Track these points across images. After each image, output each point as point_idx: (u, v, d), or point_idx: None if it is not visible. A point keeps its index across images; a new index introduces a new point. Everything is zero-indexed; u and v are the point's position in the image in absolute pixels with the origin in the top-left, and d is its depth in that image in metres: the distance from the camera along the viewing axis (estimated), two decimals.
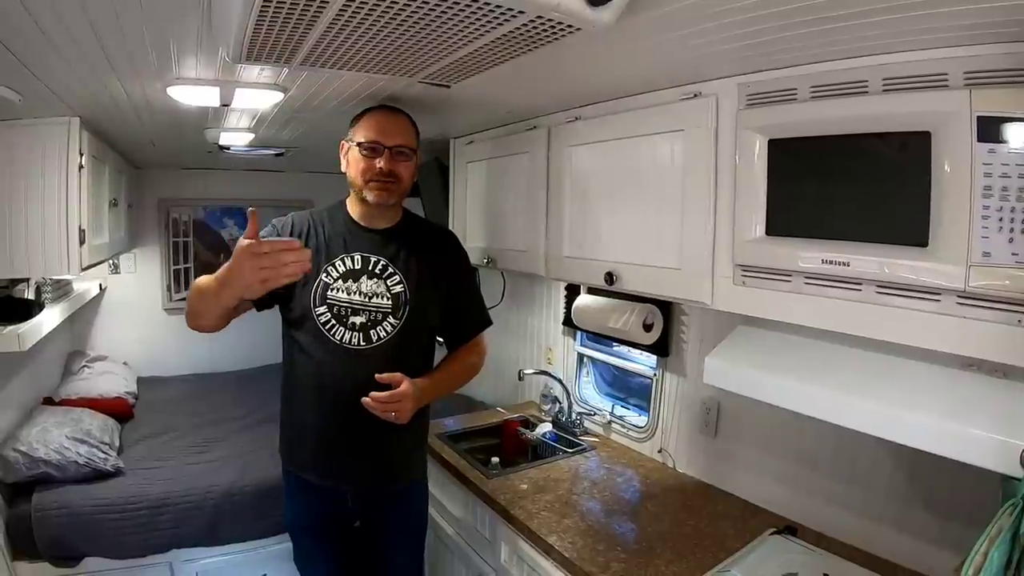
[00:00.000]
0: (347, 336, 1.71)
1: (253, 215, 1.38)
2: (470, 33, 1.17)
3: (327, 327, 1.71)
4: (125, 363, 3.93)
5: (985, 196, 1.04)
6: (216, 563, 2.67)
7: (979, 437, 1.08)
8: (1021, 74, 1.01)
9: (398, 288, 1.75)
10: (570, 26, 1.09)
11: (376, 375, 1.66)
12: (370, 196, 1.73)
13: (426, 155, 3.11)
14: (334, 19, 1.12)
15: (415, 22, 1.12)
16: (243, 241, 1.37)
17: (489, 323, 1.97)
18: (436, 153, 3.06)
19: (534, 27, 1.11)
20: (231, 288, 1.42)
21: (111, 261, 3.87)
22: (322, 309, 1.71)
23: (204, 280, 1.53)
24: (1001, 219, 1.02)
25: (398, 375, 1.67)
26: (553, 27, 1.10)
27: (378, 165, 1.71)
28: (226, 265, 1.41)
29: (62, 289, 2.95)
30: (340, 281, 1.73)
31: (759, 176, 1.40)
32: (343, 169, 1.81)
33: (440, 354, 1.93)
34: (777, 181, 1.38)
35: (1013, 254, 1.01)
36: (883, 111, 1.18)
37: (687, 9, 1.08)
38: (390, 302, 1.73)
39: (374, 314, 1.72)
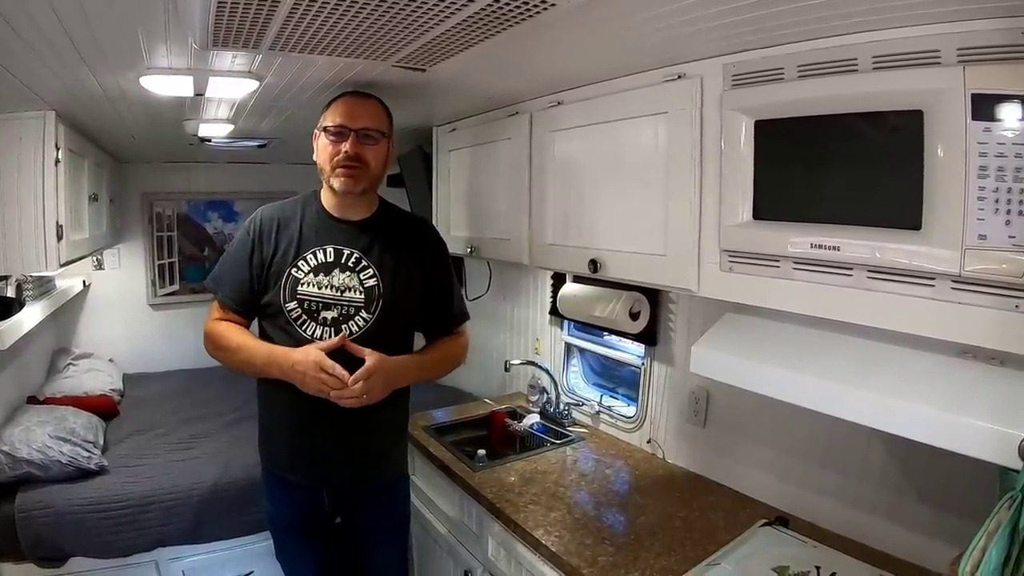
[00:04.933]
0: (318, 331, 1.67)
1: (342, 339, 1.61)
2: (439, 12, 1.12)
3: (298, 322, 1.67)
4: (111, 360, 3.88)
5: (980, 177, 1.00)
6: (203, 560, 2.64)
7: (976, 427, 1.05)
8: (1017, 50, 0.97)
9: (371, 282, 1.70)
10: (543, 1, 1.04)
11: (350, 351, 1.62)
12: (336, 183, 1.68)
13: (409, 144, 3.06)
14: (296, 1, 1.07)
15: (380, 2, 1.07)
16: (318, 355, 1.57)
17: (466, 317, 1.92)
18: (420, 142, 3.01)
19: (506, 4, 1.06)
20: (280, 376, 1.61)
21: (94, 257, 3.81)
22: (292, 304, 1.67)
23: (247, 349, 1.67)
24: (997, 200, 0.98)
25: (366, 350, 1.62)
26: (526, 3, 1.06)
27: (343, 149, 1.65)
28: (286, 359, 1.59)
29: (44, 286, 2.90)
30: (311, 275, 1.69)
31: (746, 158, 1.36)
32: (313, 158, 1.76)
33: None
34: (764, 163, 1.34)
35: (1010, 236, 0.98)
36: (874, 89, 1.14)
37: None
38: (363, 296, 1.69)
39: (346, 308, 1.68)
